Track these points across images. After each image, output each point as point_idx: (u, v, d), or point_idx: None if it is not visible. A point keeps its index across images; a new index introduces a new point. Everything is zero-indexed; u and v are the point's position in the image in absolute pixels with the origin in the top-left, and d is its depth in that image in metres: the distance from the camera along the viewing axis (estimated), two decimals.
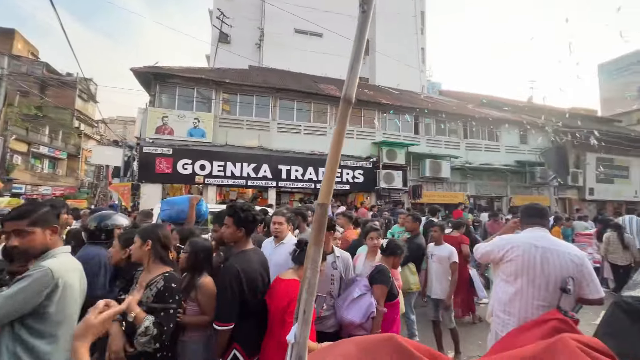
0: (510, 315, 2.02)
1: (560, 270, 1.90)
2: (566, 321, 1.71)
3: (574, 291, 1.88)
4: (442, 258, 3.51)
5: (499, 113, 14.17)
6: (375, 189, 11.26)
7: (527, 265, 1.98)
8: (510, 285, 2.04)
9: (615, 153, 15.07)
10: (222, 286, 1.86)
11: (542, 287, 1.93)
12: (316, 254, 0.80)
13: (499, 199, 13.56)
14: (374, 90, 14.78)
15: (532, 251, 1.99)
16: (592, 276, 1.89)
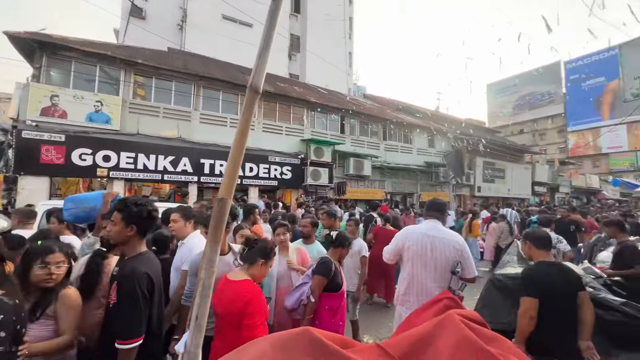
0: (409, 296, 2.35)
1: (445, 255, 2.25)
2: (454, 299, 2.02)
3: (460, 273, 2.26)
4: (353, 252, 3.69)
5: (412, 119, 15.92)
6: (302, 185, 11.45)
7: (419, 252, 2.32)
8: (409, 270, 2.37)
9: (496, 158, 18.48)
10: (127, 292, 1.56)
11: (432, 270, 2.27)
12: (213, 253, 0.75)
13: (411, 195, 15.26)
14: (304, 88, 14.97)
15: (424, 240, 2.32)
16: (470, 260, 2.28)
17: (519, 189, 19.81)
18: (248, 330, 1.72)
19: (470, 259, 2.29)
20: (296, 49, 20.75)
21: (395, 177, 14.60)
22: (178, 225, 2.57)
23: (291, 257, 2.84)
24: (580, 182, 24.41)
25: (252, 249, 1.98)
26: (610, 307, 2.21)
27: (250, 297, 1.79)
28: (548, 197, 21.83)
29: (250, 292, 1.81)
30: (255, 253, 1.96)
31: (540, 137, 34.27)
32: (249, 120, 0.79)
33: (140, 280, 1.57)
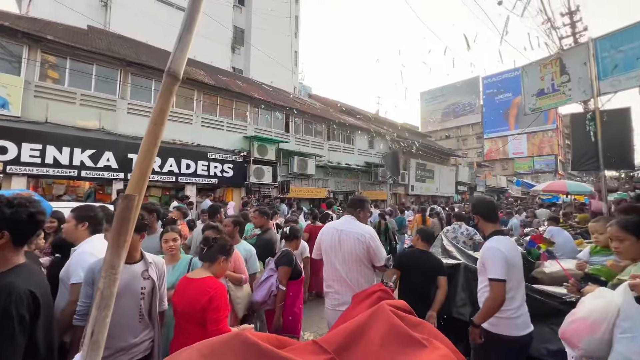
0: (329, 288, 2.49)
1: (351, 247, 2.39)
2: (387, 291, 2.18)
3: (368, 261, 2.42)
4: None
5: (355, 120, 16.61)
6: (245, 184, 11.10)
7: (330, 246, 2.47)
8: (325, 264, 2.53)
9: (426, 160, 20.34)
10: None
11: (342, 262, 2.41)
12: (115, 258, 0.65)
13: (352, 194, 15.90)
14: (248, 83, 14.50)
15: (334, 234, 2.47)
16: (377, 250, 2.40)
17: (445, 188, 22.13)
18: (214, 324, 1.76)
19: (378, 249, 2.39)
20: (240, 43, 20.00)
21: (338, 176, 15.07)
22: (68, 227, 2.13)
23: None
24: (493, 182, 28.36)
25: (212, 247, 2.01)
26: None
27: (214, 293, 1.81)
28: (468, 195, 24.83)
29: (213, 287, 1.83)
30: (216, 252, 2.01)
31: (463, 142, 38.78)
32: (166, 111, 0.71)
33: (18, 300, 1.23)
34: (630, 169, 7.96)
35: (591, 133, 5.56)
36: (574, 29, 8.75)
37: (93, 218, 2.17)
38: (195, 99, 10.32)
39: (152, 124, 0.71)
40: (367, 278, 2.42)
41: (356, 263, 2.38)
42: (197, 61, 13.41)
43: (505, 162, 35.92)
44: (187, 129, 9.97)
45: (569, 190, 10.02)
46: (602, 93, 5.41)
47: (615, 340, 1.33)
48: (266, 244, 3.61)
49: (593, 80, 5.38)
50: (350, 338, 1.57)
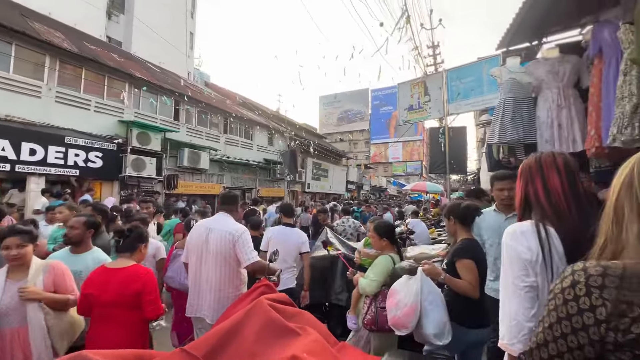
0: (192, 290, 2.31)
1: (219, 246, 2.26)
2: (269, 285, 2.19)
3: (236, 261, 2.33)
4: (148, 255, 3.50)
5: (254, 115, 16.26)
6: (119, 177, 9.38)
7: (197, 246, 2.32)
8: (190, 265, 2.36)
9: (322, 160, 21.70)
10: None
11: (207, 260, 2.27)
12: None
13: (250, 191, 15.56)
14: (127, 58, 12.31)
15: (202, 232, 2.32)
16: (244, 247, 2.27)
17: (337, 186, 24.12)
18: (152, 304, 1.94)
19: (246, 246, 2.25)
20: (119, 10, 16.79)
21: (235, 172, 14.46)
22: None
23: (32, 280, 1.87)
24: (376, 182, 32.63)
25: (128, 237, 2.07)
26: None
27: (146, 278, 1.97)
28: (356, 193, 27.77)
29: (144, 273, 1.98)
30: (134, 240, 2.08)
31: (354, 145, 43.13)
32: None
33: None
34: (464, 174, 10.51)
35: (442, 144, 7.04)
36: (435, 60, 10.87)
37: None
38: (47, 66, 8.08)
39: None
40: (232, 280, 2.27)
41: (223, 264, 2.23)
42: (54, 20, 10.57)
43: (386, 165, 41.86)
44: (34, 103, 7.73)
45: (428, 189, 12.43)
46: (450, 113, 6.88)
47: (426, 310, 1.89)
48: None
49: (444, 102, 6.79)
50: (223, 340, 1.51)
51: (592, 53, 2.35)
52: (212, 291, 2.19)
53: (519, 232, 1.06)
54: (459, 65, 7.05)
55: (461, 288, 1.92)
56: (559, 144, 2.59)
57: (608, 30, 2.20)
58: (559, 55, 2.80)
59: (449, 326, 1.88)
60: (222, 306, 2.18)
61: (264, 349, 1.43)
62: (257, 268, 2.29)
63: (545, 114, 2.66)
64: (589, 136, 2.36)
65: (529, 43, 3.00)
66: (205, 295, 2.19)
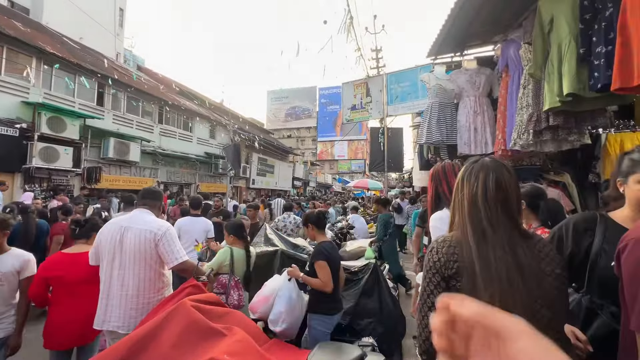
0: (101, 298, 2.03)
1: (137, 246, 1.99)
2: (197, 285, 2.05)
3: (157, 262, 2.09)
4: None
5: (193, 105, 15.21)
6: (23, 168, 7.96)
7: (108, 247, 2.02)
8: (100, 269, 2.06)
9: (268, 155, 21.31)
10: None
11: (122, 264, 1.98)
12: None
13: (188, 186, 14.56)
14: (36, 29, 10.45)
15: (115, 232, 2.02)
16: (171, 246, 2.05)
17: (284, 182, 23.96)
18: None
19: (173, 245, 2.05)
20: None
21: (172, 165, 13.39)
22: None
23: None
24: (322, 179, 33.26)
25: (84, 227, 2.40)
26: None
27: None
28: (302, 190, 27.93)
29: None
30: (89, 229, 2.39)
31: (301, 142, 43.26)
32: None
33: None
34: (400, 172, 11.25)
35: (381, 144, 7.45)
36: (378, 63, 11.42)
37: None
38: None
39: None
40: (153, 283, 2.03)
41: (140, 266, 1.98)
42: None
43: (332, 163, 42.90)
44: None
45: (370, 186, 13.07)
46: (389, 115, 7.31)
47: (275, 302, 2.41)
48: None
49: (384, 104, 7.18)
50: (135, 348, 1.37)
51: (500, 67, 2.69)
52: (129, 297, 1.95)
53: (440, 217, 1.61)
54: (399, 70, 7.52)
55: (315, 285, 2.34)
56: (474, 146, 2.92)
57: (513, 48, 2.54)
58: (477, 67, 3.15)
59: (284, 317, 2.34)
60: (141, 313, 1.97)
61: (182, 352, 1.33)
62: (186, 268, 2.12)
63: (464, 119, 2.97)
64: (497, 140, 2.70)
65: (453, 54, 3.32)
66: (118, 303, 1.94)
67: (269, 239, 3.37)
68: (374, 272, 3.05)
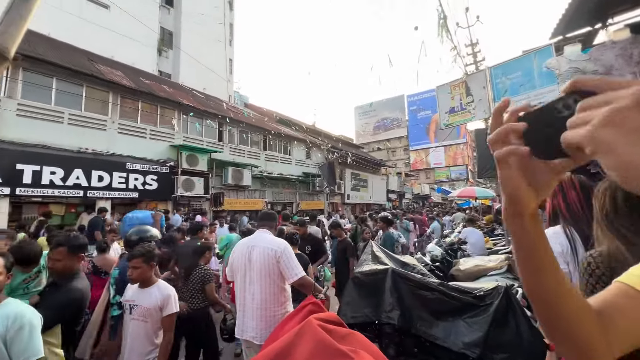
0: (238, 309, 2.31)
1: (262, 262, 2.22)
2: (317, 303, 2.12)
3: (280, 278, 2.28)
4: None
5: (291, 131, 16.70)
6: (172, 197, 10.13)
7: (240, 264, 2.30)
8: (235, 284, 2.37)
9: (360, 170, 21.46)
10: None
11: (251, 279, 2.23)
12: None
13: (291, 205, 15.83)
14: (176, 88, 13.47)
15: (244, 251, 2.30)
16: (289, 263, 2.23)
17: (378, 196, 23.59)
18: None
19: (290, 262, 2.21)
20: (168, 45, 18.59)
21: (276, 186, 14.85)
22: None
23: None
24: (418, 190, 31.34)
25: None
26: (431, 287, 2.79)
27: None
28: (397, 202, 26.89)
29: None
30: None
31: (392, 153, 42.17)
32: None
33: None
34: None
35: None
36: (475, 58, 10.29)
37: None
38: (110, 102, 9.13)
39: None
40: (277, 297, 2.22)
41: (265, 281, 2.20)
42: (116, 61, 12.00)
43: (428, 172, 40.12)
44: (101, 136, 8.74)
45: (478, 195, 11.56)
46: None
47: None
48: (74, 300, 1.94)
49: (490, 101, 6.34)
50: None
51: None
52: (259, 310, 2.17)
53: (552, 233, 1.49)
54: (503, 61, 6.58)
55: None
56: None
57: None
58: (631, 36, 2.44)
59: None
60: (269, 325, 2.15)
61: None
62: (304, 284, 2.24)
63: None
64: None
65: (590, 27, 2.67)
66: (251, 315, 2.18)
67: (377, 256, 3.28)
68: (505, 296, 2.59)
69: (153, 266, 2.17)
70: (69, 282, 1.92)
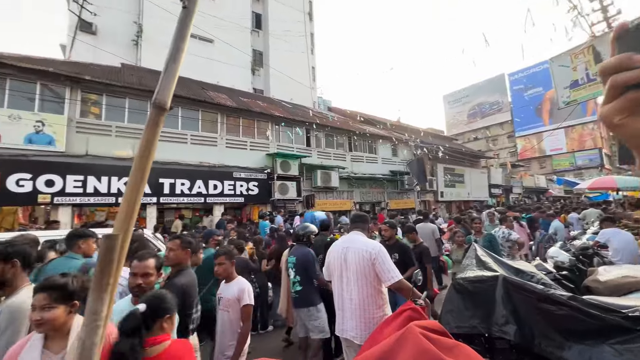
0: (337, 308, 2.37)
1: (357, 264, 2.23)
2: (417, 310, 2.02)
3: (376, 280, 2.24)
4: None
5: (375, 130, 16.44)
6: (270, 200, 11.23)
7: (336, 265, 2.35)
8: (333, 285, 2.42)
9: (455, 164, 19.55)
10: None
11: (348, 280, 2.25)
12: (97, 304, 0.59)
13: (379, 204, 15.58)
14: (268, 102, 14.92)
15: (339, 252, 2.34)
16: (385, 265, 2.18)
17: (478, 191, 21.05)
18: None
19: (386, 264, 2.17)
20: (259, 64, 20.77)
21: (363, 186, 14.85)
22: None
23: (72, 353, 1.39)
24: (530, 182, 26.56)
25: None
26: (559, 302, 2.32)
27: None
28: (503, 198, 23.41)
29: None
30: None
31: (493, 142, 37.01)
32: (153, 142, 0.68)
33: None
34: None
35: None
36: (605, 13, 8.16)
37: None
38: (219, 121, 10.75)
39: (139, 156, 0.68)
40: (374, 299, 2.22)
41: (361, 282, 2.21)
42: (220, 86, 14.05)
43: (543, 160, 33.67)
44: (213, 151, 10.36)
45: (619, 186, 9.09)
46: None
47: None
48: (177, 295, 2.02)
49: None
50: None
51: None
52: (357, 310, 2.20)
53: None
54: None
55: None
56: None
57: None
58: None
59: None
60: (368, 327, 2.16)
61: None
62: (402, 287, 2.17)
63: None
64: None
65: None
66: (350, 315, 2.23)
67: (483, 261, 2.92)
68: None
69: (234, 263, 2.50)
70: (175, 278, 2.24)
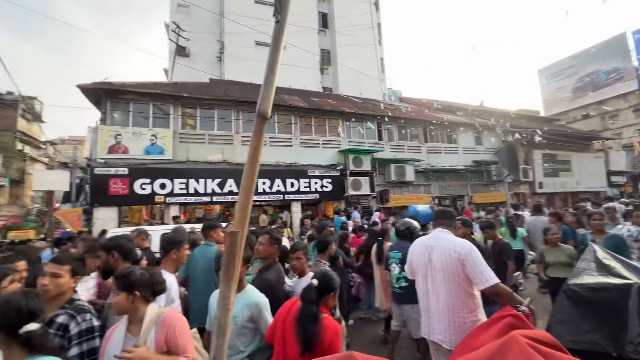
0: (423, 309, 2.26)
1: (444, 264, 2.06)
2: (519, 316, 1.77)
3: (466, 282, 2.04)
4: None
5: (454, 117, 15.04)
6: (344, 197, 11.35)
7: (419, 264, 2.23)
8: (417, 285, 2.32)
9: (557, 149, 16.56)
10: None
11: (434, 280, 2.11)
12: (226, 291, 0.71)
13: (461, 198, 14.26)
14: (337, 99, 15.06)
15: (423, 251, 2.21)
16: (477, 267, 1.94)
17: (590, 180, 17.45)
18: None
19: (479, 266, 1.94)
20: (327, 63, 21.10)
21: (442, 179, 13.80)
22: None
23: (145, 337, 1.47)
24: None
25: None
26: None
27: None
28: (630, 188, 18.86)
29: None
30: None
31: (610, 119, 30.05)
32: (259, 148, 0.76)
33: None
34: None
35: None
36: None
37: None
38: (293, 123, 11.33)
39: (249, 162, 0.77)
40: (465, 302, 2.03)
41: (450, 284, 2.04)
42: (292, 89, 14.77)
43: None
44: (289, 151, 10.97)
45: None
46: None
47: None
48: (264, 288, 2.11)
49: None
50: None
51: None
52: (444, 313, 2.05)
53: None
54: None
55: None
56: None
57: None
58: None
59: None
60: (458, 331, 1.99)
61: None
62: (499, 292, 1.92)
63: None
64: None
65: None
66: (437, 318, 2.08)
67: (606, 265, 2.38)
68: None
69: (308, 259, 2.64)
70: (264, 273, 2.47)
